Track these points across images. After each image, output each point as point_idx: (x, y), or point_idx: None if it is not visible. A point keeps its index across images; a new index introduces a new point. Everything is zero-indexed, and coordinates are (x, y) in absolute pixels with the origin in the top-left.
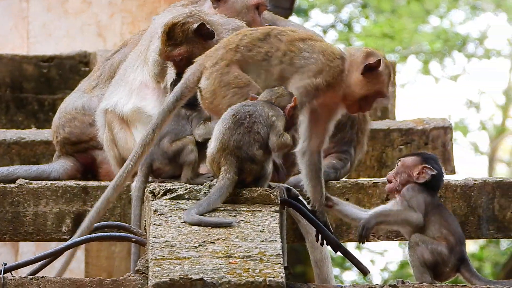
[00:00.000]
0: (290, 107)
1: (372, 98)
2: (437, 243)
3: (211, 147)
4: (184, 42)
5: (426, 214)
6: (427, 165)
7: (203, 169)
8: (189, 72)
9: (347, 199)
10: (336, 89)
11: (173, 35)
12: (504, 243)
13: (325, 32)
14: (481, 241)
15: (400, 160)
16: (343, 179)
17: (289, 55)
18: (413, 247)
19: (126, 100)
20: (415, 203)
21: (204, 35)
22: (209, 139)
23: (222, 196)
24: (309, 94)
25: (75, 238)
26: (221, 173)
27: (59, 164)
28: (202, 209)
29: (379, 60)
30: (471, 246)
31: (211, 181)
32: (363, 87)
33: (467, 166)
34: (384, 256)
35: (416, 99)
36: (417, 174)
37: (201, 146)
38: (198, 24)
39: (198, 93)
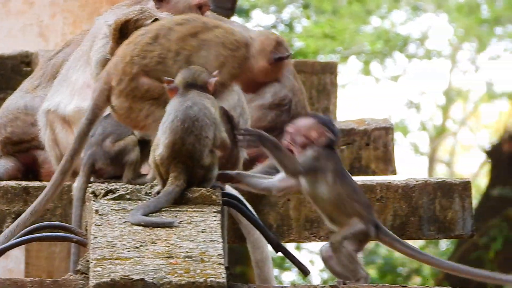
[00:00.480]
0: (214, 83)
1: (269, 83)
2: (352, 225)
3: (160, 152)
4: None
5: (335, 188)
6: (326, 128)
7: (144, 169)
8: (97, 92)
9: (289, 200)
10: (239, 76)
11: (126, 32)
12: (444, 243)
13: None
14: (420, 242)
15: (290, 126)
16: None
17: (183, 54)
18: (338, 248)
19: (69, 101)
20: (312, 165)
21: None
22: (149, 140)
23: (169, 201)
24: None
25: (15, 239)
26: (170, 178)
27: (0, 164)
28: (149, 210)
29: (289, 54)
30: None
31: (153, 181)
32: (267, 75)
33: (408, 166)
34: None
35: (357, 99)
36: (317, 136)
37: (143, 146)
38: (152, 20)
39: (110, 109)
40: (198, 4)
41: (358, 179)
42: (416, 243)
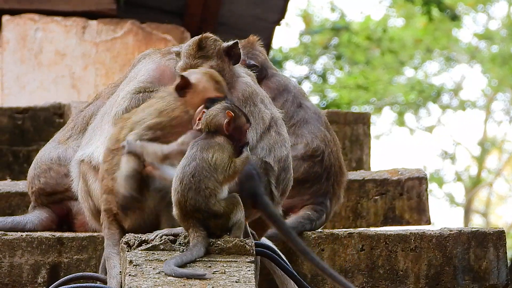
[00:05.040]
0: (225, 124)
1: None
2: None
3: (174, 211)
4: (215, 56)
5: None
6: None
7: None
8: None
9: (323, 250)
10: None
11: (204, 46)
12: None
13: (299, 83)
14: None
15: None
16: (318, 230)
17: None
18: None
19: (102, 151)
20: None
21: (233, 56)
22: None
23: (199, 252)
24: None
25: None
26: (191, 233)
27: (34, 215)
28: (181, 261)
29: (182, 77)
30: None
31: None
32: (188, 107)
33: (443, 217)
34: None
35: (391, 150)
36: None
37: None
38: (234, 42)
39: None
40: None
41: (392, 229)
42: None
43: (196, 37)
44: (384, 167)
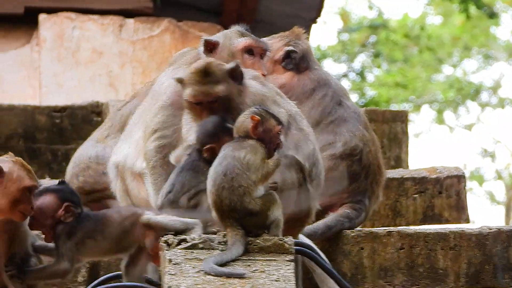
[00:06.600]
0: (251, 129)
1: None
2: None
3: (212, 213)
4: (223, 80)
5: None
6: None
7: None
8: None
9: (362, 248)
10: None
11: (211, 72)
12: None
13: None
14: None
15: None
16: (357, 228)
17: None
18: None
19: (135, 157)
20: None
21: (236, 77)
22: None
23: (238, 251)
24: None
25: None
26: (229, 232)
27: None
28: (221, 260)
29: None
30: None
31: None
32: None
33: (484, 215)
34: None
35: (431, 148)
36: (63, 214)
37: None
38: (235, 64)
39: None
40: (243, 48)
41: (431, 227)
42: None
43: (199, 64)
44: (422, 165)
